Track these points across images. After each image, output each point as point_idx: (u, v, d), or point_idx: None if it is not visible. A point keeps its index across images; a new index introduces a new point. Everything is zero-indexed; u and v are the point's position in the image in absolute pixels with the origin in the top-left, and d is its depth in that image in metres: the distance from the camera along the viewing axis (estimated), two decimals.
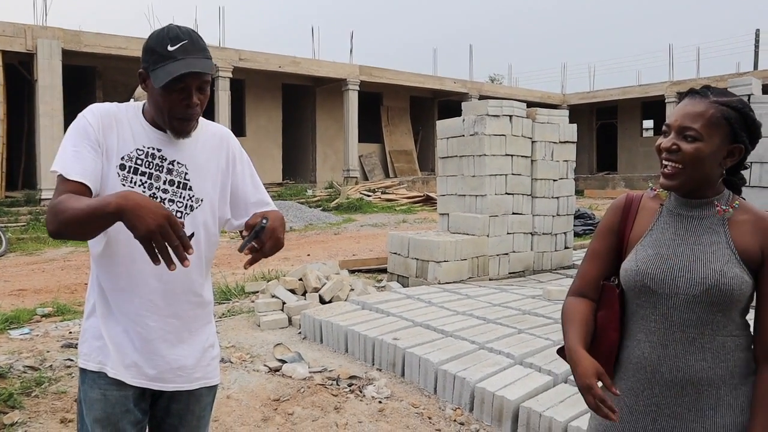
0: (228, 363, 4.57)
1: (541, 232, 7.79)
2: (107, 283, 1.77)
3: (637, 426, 1.53)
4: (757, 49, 29.22)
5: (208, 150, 1.87)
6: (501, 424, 3.57)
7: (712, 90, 1.50)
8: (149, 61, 1.70)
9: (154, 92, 1.71)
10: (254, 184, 1.97)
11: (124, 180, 1.72)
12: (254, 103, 23.73)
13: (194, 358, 1.86)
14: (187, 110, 1.71)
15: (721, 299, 1.44)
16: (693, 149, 1.45)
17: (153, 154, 1.77)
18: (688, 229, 1.52)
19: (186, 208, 1.81)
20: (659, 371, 1.50)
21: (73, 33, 17.31)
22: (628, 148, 30.83)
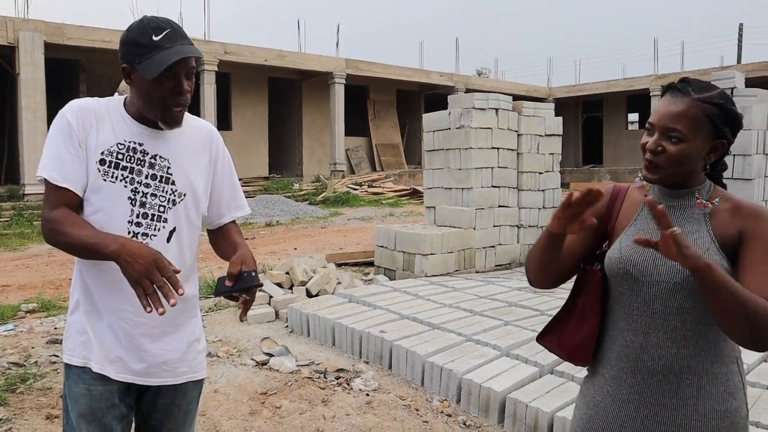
0: (215, 357, 4.56)
1: (527, 224, 7.84)
2: (91, 278, 1.76)
3: (620, 414, 1.55)
4: (741, 43, 29.45)
5: (192, 145, 1.86)
6: (488, 415, 3.60)
7: (692, 85, 1.50)
8: (133, 54, 1.67)
9: (144, 85, 1.69)
10: (232, 185, 1.98)
11: (105, 175, 1.71)
12: (240, 97, 23.60)
13: (179, 352, 1.85)
14: (179, 98, 1.71)
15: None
16: (677, 150, 1.47)
17: (134, 149, 1.75)
18: (671, 218, 1.53)
19: (168, 202, 1.79)
20: (641, 359, 1.51)
21: (56, 26, 17.10)
22: (613, 141, 31.02)
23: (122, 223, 1.72)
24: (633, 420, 1.53)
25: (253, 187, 20.88)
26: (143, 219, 1.75)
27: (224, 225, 1.97)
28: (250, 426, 3.50)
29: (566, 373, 3.72)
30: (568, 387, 3.56)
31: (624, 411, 1.54)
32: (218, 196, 1.93)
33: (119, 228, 1.71)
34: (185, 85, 1.71)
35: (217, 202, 1.93)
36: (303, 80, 24.54)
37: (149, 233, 1.75)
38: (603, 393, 1.58)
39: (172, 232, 1.80)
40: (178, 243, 1.81)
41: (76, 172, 1.69)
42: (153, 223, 1.76)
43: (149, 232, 1.75)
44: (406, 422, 3.57)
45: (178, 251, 1.81)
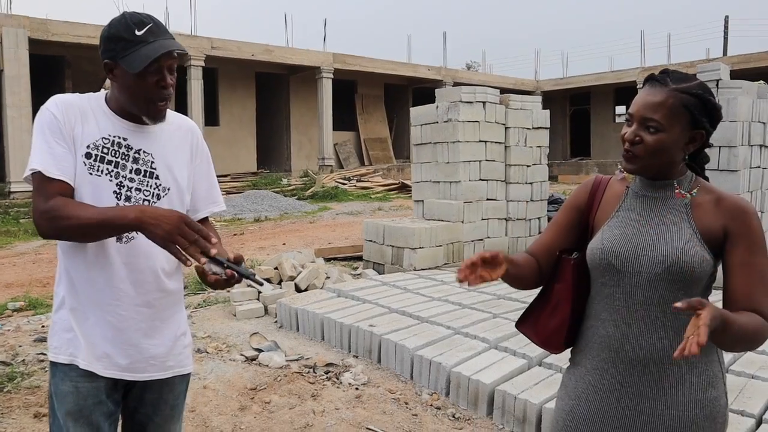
0: (204, 353, 4.55)
1: (515, 217, 7.86)
2: (76, 273, 1.75)
3: (602, 404, 1.57)
4: (726, 35, 29.64)
5: (175, 140, 1.87)
6: (477, 408, 3.62)
7: (671, 75, 1.51)
8: (116, 49, 1.68)
9: (127, 79, 1.69)
10: (209, 180, 1.98)
11: (90, 169, 1.71)
12: (227, 92, 23.46)
13: (166, 346, 1.85)
14: (163, 92, 1.72)
15: (682, 277, 1.47)
16: (655, 140, 1.48)
17: (119, 143, 1.76)
18: (652, 209, 1.56)
19: (153, 197, 1.79)
20: (623, 350, 1.53)
21: (40, 21, 16.90)
22: (601, 133, 31.14)
23: None
24: (615, 410, 1.55)
25: (241, 183, 20.79)
26: None
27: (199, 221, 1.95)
28: (240, 421, 3.50)
29: (554, 365, 3.75)
30: (556, 379, 3.58)
31: (606, 401, 1.56)
32: (195, 191, 1.93)
33: None
34: (168, 80, 1.72)
35: (194, 196, 1.93)
36: (290, 75, 24.43)
37: None
38: (585, 383, 1.60)
39: None
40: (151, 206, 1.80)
41: (68, 164, 1.69)
42: None
43: None
44: (395, 416, 3.58)
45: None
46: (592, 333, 1.61)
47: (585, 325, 1.64)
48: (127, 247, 1.75)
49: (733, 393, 3.27)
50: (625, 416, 1.54)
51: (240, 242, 10.62)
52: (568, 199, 1.75)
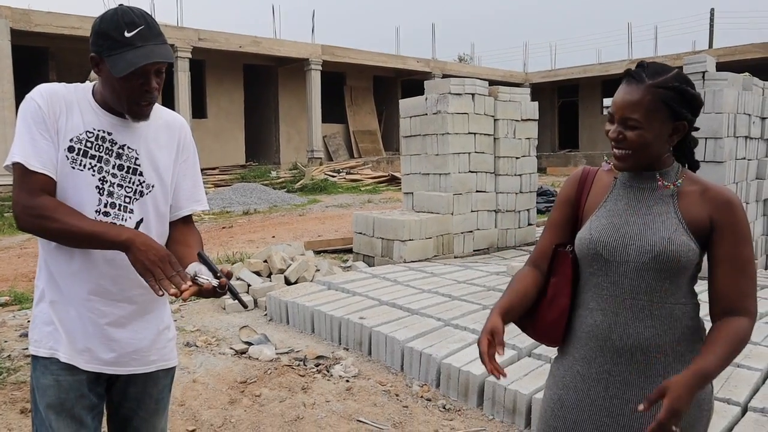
0: (193, 347, 4.53)
1: (504, 209, 7.88)
2: (56, 267, 1.73)
3: (590, 393, 1.58)
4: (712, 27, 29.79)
5: (161, 136, 1.84)
6: (467, 399, 3.63)
7: (646, 70, 1.53)
8: (103, 46, 1.64)
9: (111, 79, 1.66)
10: (194, 178, 1.94)
11: (73, 163, 1.68)
12: (215, 84, 23.29)
13: (149, 340, 1.83)
14: (146, 95, 1.69)
15: (668, 266, 1.50)
16: (636, 136, 1.51)
17: (103, 138, 1.73)
18: (639, 200, 1.58)
19: (135, 193, 1.77)
20: (610, 339, 1.55)
21: (22, 12, 16.67)
22: (589, 125, 31.24)
23: (90, 212, 1.70)
24: (602, 398, 1.57)
25: (229, 176, 20.68)
26: (111, 209, 1.73)
27: (180, 222, 1.92)
28: (230, 415, 3.48)
29: (543, 356, 3.76)
30: (545, 369, 3.59)
31: (594, 390, 1.58)
32: (179, 189, 1.90)
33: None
34: (153, 83, 1.68)
35: (177, 194, 1.89)
36: (279, 67, 24.28)
37: (116, 222, 1.73)
38: (573, 373, 1.62)
39: (139, 222, 1.78)
40: (145, 234, 1.76)
41: (51, 157, 1.66)
42: (120, 213, 1.74)
43: (117, 222, 1.73)
44: (386, 407, 3.58)
45: None
46: (580, 322, 1.63)
47: (574, 314, 1.66)
48: None
49: (719, 381, 3.29)
50: (613, 405, 1.56)
51: (229, 235, 10.57)
52: (558, 194, 1.77)
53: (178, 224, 1.91)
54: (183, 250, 1.80)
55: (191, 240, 1.87)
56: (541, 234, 1.79)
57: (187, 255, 1.76)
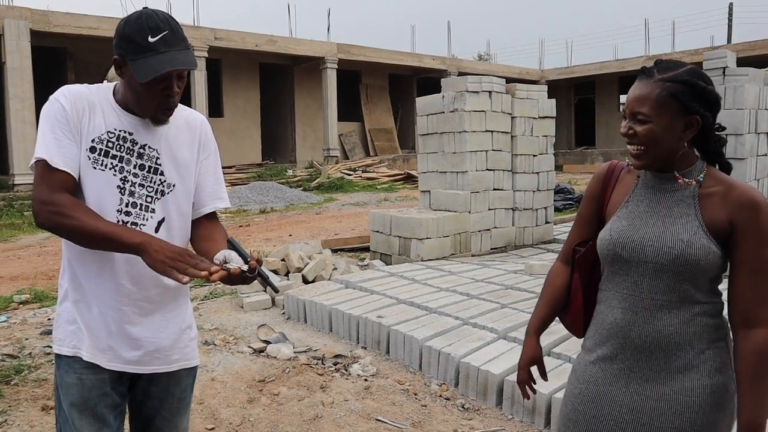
0: (212, 345, 4.54)
1: (522, 207, 7.82)
2: (79, 267, 1.75)
3: (611, 389, 1.59)
4: (731, 22, 29.41)
5: (182, 135, 1.84)
6: (486, 398, 3.60)
7: (658, 67, 1.54)
8: (127, 49, 1.65)
9: (134, 82, 1.67)
10: (216, 176, 1.95)
11: (94, 163, 1.70)
12: (231, 83, 23.40)
13: (171, 339, 1.84)
14: (169, 100, 1.70)
15: (687, 269, 1.49)
16: (645, 131, 1.52)
17: (124, 138, 1.74)
18: (660, 201, 1.57)
19: (157, 193, 1.78)
20: (629, 336, 1.56)
21: (42, 13, 16.86)
22: (606, 122, 30.99)
23: (111, 211, 1.71)
24: (623, 394, 1.58)
25: (246, 174, 20.77)
26: (132, 208, 1.74)
27: (204, 219, 1.92)
28: (249, 413, 3.49)
29: (563, 355, 3.72)
30: (565, 369, 3.56)
31: (614, 386, 1.59)
32: (201, 186, 1.90)
33: (109, 216, 1.70)
34: (175, 88, 1.70)
35: (200, 192, 1.90)
36: (294, 65, 24.35)
37: (138, 222, 1.74)
38: (594, 368, 1.64)
39: (161, 222, 1.79)
40: (167, 233, 1.79)
41: (73, 156, 1.68)
42: (141, 212, 1.75)
43: (138, 221, 1.74)
44: (404, 406, 3.57)
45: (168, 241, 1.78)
46: (602, 319, 1.65)
47: (596, 310, 1.69)
48: None
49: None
50: (634, 401, 1.56)
51: (246, 233, 10.61)
52: (586, 189, 1.79)
53: (202, 221, 1.92)
54: (209, 245, 1.80)
55: (217, 235, 1.86)
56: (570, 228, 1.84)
57: (213, 249, 1.74)
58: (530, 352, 1.80)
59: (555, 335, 3.88)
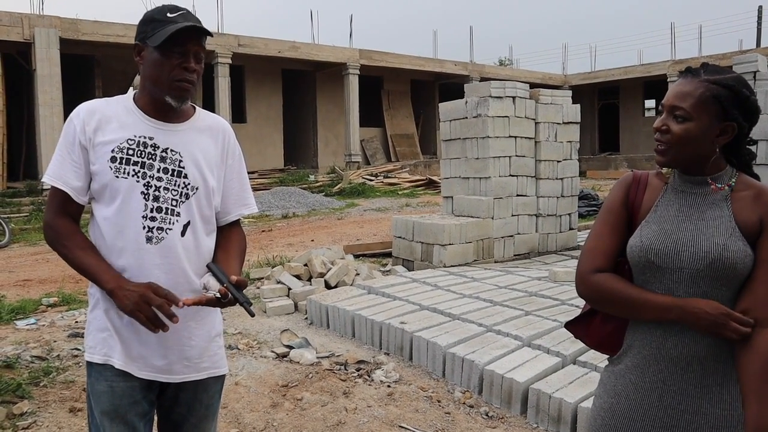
0: (235, 350, 4.57)
1: (545, 213, 7.76)
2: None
3: (643, 402, 1.53)
4: (760, 26, 28.95)
5: (204, 139, 1.86)
6: (510, 407, 3.57)
7: (706, 68, 1.51)
8: (146, 30, 1.73)
9: (152, 58, 1.72)
10: (241, 181, 1.96)
11: (117, 172, 1.72)
12: (254, 89, 23.59)
13: (201, 347, 1.85)
14: (186, 74, 1.72)
15: (724, 273, 1.45)
16: (681, 130, 1.48)
17: (145, 143, 1.76)
18: (691, 205, 1.53)
19: (181, 196, 1.79)
20: (664, 347, 1.50)
21: (71, 21, 17.17)
22: (630, 128, 30.66)
23: (137, 218, 1.73)
24: (656, 408, 1.52)
25: (269, 180, 20.92)
26: (157, 213, 1.75)
27: (228, 226, 1.95)
28: (272, 418, 3.50)
29: (589, 363, 3.68)
30: (591, 377, 3.52)
31: (647, 399, 1.53)
32: (227, 193, 1.92)
33: (134, 223, 1.73)
34: (192, 63, 1.73)
35: (225, 198, 1.92)
36: (317, 71, 24.48)
37: (164, 227, 1.76)
38: (625, 381, 1.57)
39: (186, 225, 1.80)
40: (193, 237, 1.81)
41: (76, 176, 1.74)
42: (167, 216, 1.76)
43: (164, 225, 1.76)
44: (428, 414, 3.55)
45: (194, 245, 1.81)
46: (633, 330, 1.59)
47: (628, 321, 1.61)
48: (158, 248, 1.75)
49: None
50: (668, 415, 1.50)
51: (268, 238, 10.68)
52: (609, 199, 1.68)
53: (224, 228, 1.95)
54: (221, 255, 1.87)
55: (231, 245, 1.91)
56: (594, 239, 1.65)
57: (223, 261, 1.83)
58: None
59: (580, 343, 3.83)
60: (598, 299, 1.59)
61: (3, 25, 16.02)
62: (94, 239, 1.79)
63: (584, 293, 1.62)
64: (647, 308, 1.50)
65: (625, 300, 1.53)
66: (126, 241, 1.73)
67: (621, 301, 1.54)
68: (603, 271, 1.59)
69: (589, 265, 1.60)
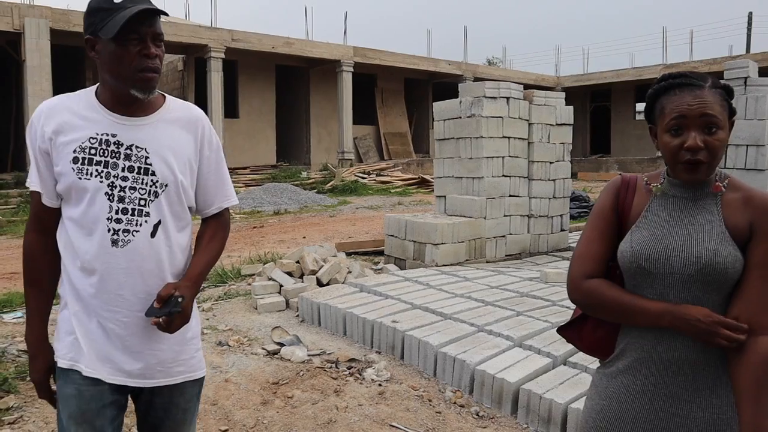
0: (226, 346, 4.54)
1: (537, 214, 7.78)
2: (77, 280, 1.70)
3: (634, 405, 1.53)
4: (750, 32, 29.19)
5: (175, 131, 1.75)
6: (501, 407, 3.57)
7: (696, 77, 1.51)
8: (95, 22, 1.60)
9: (109, 52, 1.61)
10: (218, 173, 1.86)
11: (80, 173, 1.64)
12: (247, 85, 23.53)
13: (173, 351, 1.77)
14: (147, 61, 1.62)
15: (715, 278, 1.45)
16: (719, 140, 1.46)
17: (107, 141, 1.66)
18: (682, 210, 1.53)
19: (150, 194, 1.70)
20: (656, 351, 1.50)
21: (62, 12, 17.04)
22: (621, 130, 30.85)
23: (101, 220, 1.65)
24: (647, 411, 1.52)
25: (260, 176, 20.86)
26: (123, 215, 1.67)
27: (210, 220, 1.88)
28: (263, 416, 3.48)
29: (579, 365, 3.69)
30: (581, 378, 3.52)
31: (638, 402, 1.53)
32: (205, 185, 1.83)
33: (99, 226, 1.66)
34: (152, 49, 1.62)
35: (204, 191, 1.83)
36: (310, 68, 24.44)
37: (131, 229, 1.68)
38: (617, 384, 1.57)
39: (157, 225, 1.71)
40: (165, 236, 1.73)
41: (45, 177, 1.70)
42: (134, 218, 1.68)
43: (131, 228, 1.68)
44: (419, 413, 3.55)
45: (165, 246, 1.73)
46: (624, 333, 1.59)
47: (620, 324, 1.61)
48: (124, 252, 1.67)
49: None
50: (658, 418, 1.50)
51: (260, 235, 10.64)
52: (598, 203, 1.67)
53: (208, 221, 1.89)
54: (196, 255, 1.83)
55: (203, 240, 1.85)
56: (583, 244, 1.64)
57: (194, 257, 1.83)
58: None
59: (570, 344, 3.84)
60: (591, 305, 1.59)
61: None
62: (63, 241, 1.72)
63: (577, 299, 1.62)
64: (640, 315, 1.50)
65: (618, 306, 1.53)
66: (92, 245, 1.66)
67: (613, 307, 1.54)
68: (594, 276, 1.59)
69: (580, 271, 1.60)
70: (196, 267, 1.78)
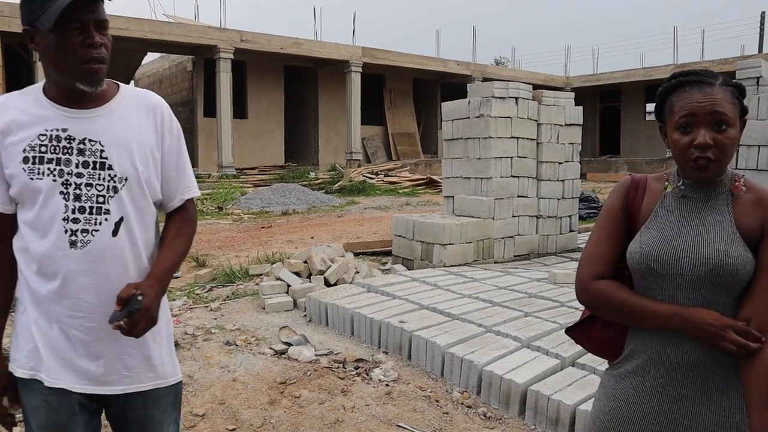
0: (233, 346, 4.56)
1: (546, 215, 7.75)
2: (35, 284, 1.61)
3: (643, 407, 1.52)
4: (762, 31, 28.94)
5: (132, 120, 1.65)
6: (509, 408, 3.56)
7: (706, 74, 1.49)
8: (32, 11, 1.51)
9: (50, 44, 1.51)
10: (179, 163, 1.75)
11: (31, 173, 1.55)
12: (256, 85, 23.60)
13: (142, 356, 1.67)
14: (91, 51, 1.52)
15: (725, 279, 1.43)
16: (729, 138, 1.44)
17: (58, 137, 1.57)
18: (692, 210, 1.51)
19: (108, 190, 1.60)
20: (665, 352, 1.49)
21: None
22: (631, 131, 30.70)
23: (57, 221, 1.56)
24: (656, 413, 1.51)
25: (269, 176, 20.91)
26: (80, 213, 1.57)
27: (174, 214, 1.78)
28: (270, 415, 3.49)
29: (588, 366, 3.67)
30: (590, 379, 3.51)
31: (647, 404, 1.52)
32: (165, 177, 1.72)
33: (56, 227, 1.56)
34: (96, 38, 1.52)
35: (165, 184, 1.72)
36: (319, 68, 24.48)
37: (90, 229, 1.58)
38: (625, 385, 1.56)
39: (119, 223, 1.62)
40: (128, 235, 1.63)
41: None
42: (93, 216, 1.58)
43: (89, 227, 1.58)
44: (426, 413, 3.54)
45: (129, 244, 1.64)
46: (634, 334, 1.57)
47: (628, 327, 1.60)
48: (84, 253, 1.58)
49: None
50: (667, 420, 1.49)
51: (268, 235, 10.66)
52: (607, 204, 1.66)
53: (172, 216, 1.79)
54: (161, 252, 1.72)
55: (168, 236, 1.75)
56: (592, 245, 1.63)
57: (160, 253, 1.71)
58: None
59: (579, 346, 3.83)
60: (599, 307, 1.59)
61: (4, 16, 16.02)
62: (17, 245, 1.62)
63: (585, 301, 1.61)
64: (648, 317, 1.49)
65: (626, 308, 1.52)
66: (49, 248, 1.56)
67: (622, 309, 1.53)
68: (603, 277, 1.58)
69: (588, 272, 1.60)
70: (160, 265, 1.67)
